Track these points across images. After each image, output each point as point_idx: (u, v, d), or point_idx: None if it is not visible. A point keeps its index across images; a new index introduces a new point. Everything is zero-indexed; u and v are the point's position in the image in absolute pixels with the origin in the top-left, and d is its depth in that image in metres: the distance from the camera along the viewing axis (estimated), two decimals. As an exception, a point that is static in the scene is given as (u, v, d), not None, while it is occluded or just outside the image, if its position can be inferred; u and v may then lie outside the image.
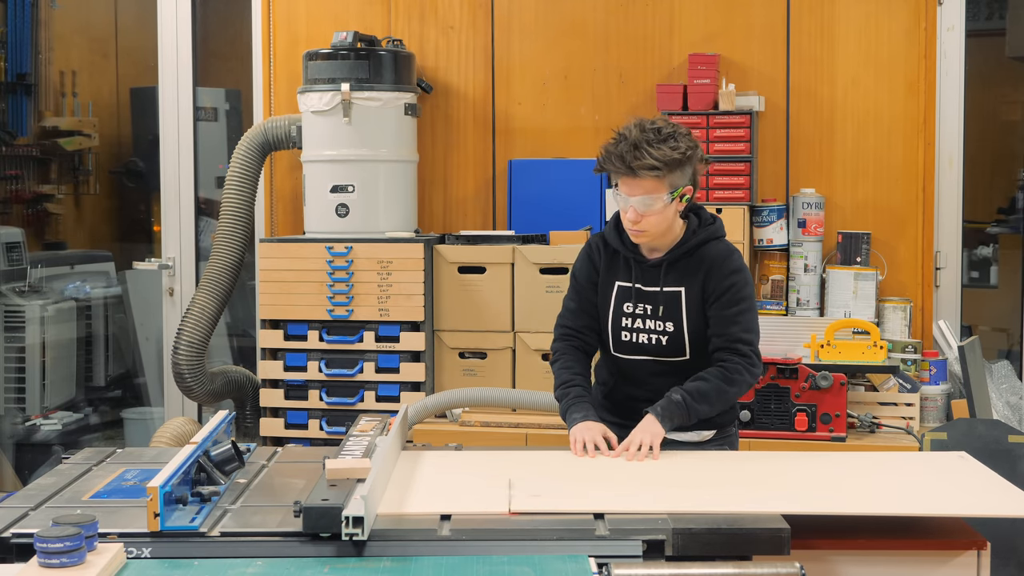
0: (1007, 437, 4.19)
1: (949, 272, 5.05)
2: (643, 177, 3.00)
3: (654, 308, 3.15)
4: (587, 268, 3.26)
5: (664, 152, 2.99)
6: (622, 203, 3.07)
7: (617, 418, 3.26)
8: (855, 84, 4.95)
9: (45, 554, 2.13)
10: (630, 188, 3.03)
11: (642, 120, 3.07)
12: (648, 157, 2.98)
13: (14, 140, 6.48)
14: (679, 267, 3.15)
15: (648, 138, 3.00)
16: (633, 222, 3.06)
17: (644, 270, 3.17)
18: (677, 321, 3.14)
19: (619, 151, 3.00)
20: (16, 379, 6.00)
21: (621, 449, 3.01)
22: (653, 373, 3.19)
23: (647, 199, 3.02)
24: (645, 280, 3.17)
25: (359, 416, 3.17)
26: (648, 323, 3.16)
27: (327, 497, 2.37)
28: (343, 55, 4.90)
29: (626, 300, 3.18)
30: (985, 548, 2.54)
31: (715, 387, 3.08)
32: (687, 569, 2.26)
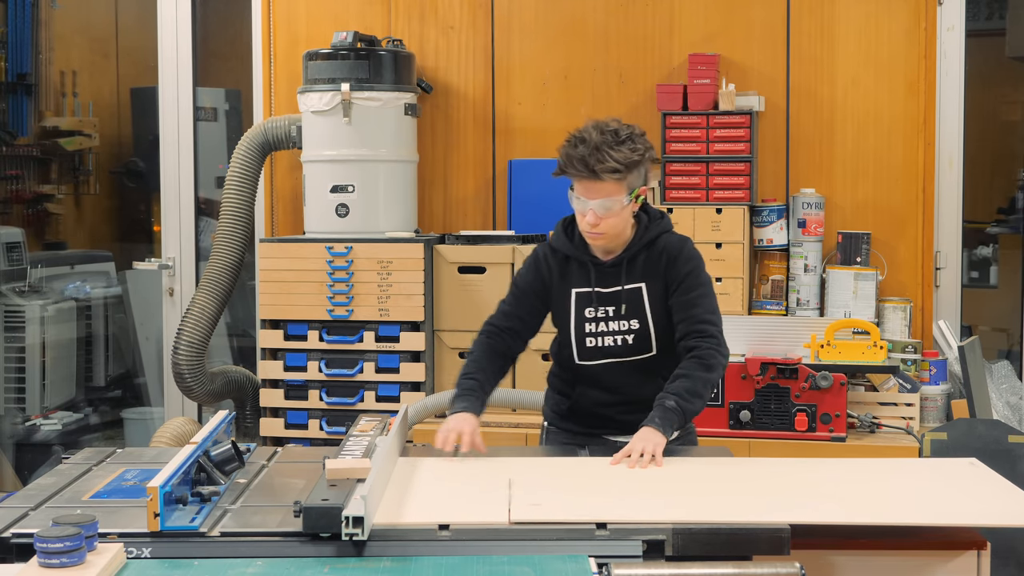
0: (1007, 437, 4.20)
1: (949, 272, 5.05)
2: (604, 180, 2.99)
3: (616, 308, 3.14)
4: (532, 278, 3.21)
5: (624, 154, 2.99)
6: (580, 206, 3.05)
7: (585, 428, 3.25)
8: (855, 84, 4.95)
9: (45, 554, 2.13)
10: (590, 191, 3.02)
11: (599, 122, 3.05)
12: (609, 160, 2.97)
13: (14, 140, 6.49)
14: (637, 263, 3.14)
15: (607, 140, 2.99)
16: (592, 225, 3.04)
17: (602, 272, 3.15)
18: (642, 317, 3.14)
19: (580, 154, 2.98)
20: (16, 379, 6.00)
21: (621, 456, 2.92)
22: (621, 374, 3.17)
23: (607, 201, 3.01)
24: (603, 282, 3.15)
25: (359, 416, 3.17)
26: (612, 324, 3.15)
27: (327, 497, 2.37)
28: (343, 55, 4.90)
29: (586, 305, 3.15)
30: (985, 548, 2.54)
31: (699, 379, 3.04)
32: (687, 569, 2.26)
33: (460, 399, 3.12)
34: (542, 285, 3.20)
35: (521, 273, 3.26)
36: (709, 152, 4.80)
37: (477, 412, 3.09)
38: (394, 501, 2.58)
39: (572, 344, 3.18)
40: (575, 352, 3.18)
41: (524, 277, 3.24)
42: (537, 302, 3.22)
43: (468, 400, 3.10)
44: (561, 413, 3.32)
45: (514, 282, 3.28)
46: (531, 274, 3.22)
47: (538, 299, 3.22)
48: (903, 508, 2.61)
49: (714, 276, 4.69)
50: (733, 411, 4.35)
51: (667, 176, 4.83)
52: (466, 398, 3.11)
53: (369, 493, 2.37)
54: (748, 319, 4.68)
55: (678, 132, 4.83)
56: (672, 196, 4.82)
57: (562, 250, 3.18)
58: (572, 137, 3.04)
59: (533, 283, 3.21)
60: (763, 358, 4.33)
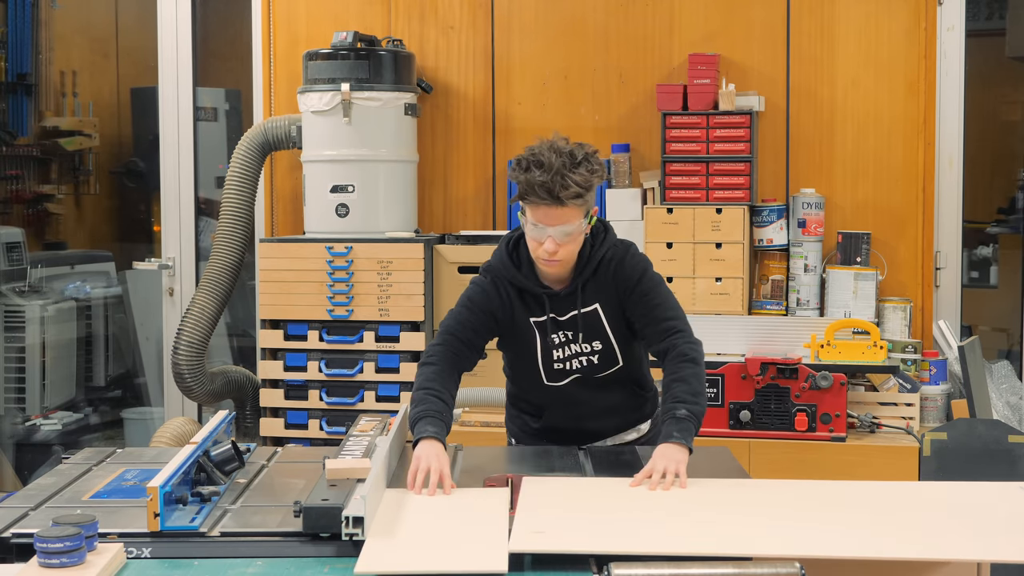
0: (1007, 437, 4.20)
1: (949, 272, 5.05)
2: (567, 205, 2.83)
3: (575, 333, 3.04)
4: (492, 300, 3.03)
5: (584, 176, 2.84)
6: (538, 234, 2.87)
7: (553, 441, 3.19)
8: (855, 84, 4.95)
9: (45, 554, 2.13)
10: (550, 218, 2.84)
11: (552, 142, 2.87)
12: (572, 185, 2.81)
13: (14, 140, 6.48)
14: (588, 286, 3.02)
15: (565, 163, 2.82)
16: (551, 253, 2.88)
17: (555, 300, 3.03)
18: (603, 338, 3.04)
19: (540, 180, 2.81)
20: (16, 379, 6.00)
21: (642, 476, 2.73)
22: (593, 387, 3.11)
23: (568, 227, 2.86)
24: (557, 309, 3.03)
25: (359, 416, 3.17)
26: (574, 347, 3.06)
27: (327, 497, 2.37)
28: (343, 55, 4.90)
29: (549, 332, 3.04)
30: (985, 548, 2.52)
31: (694, 376, 2.95)
32: (687, 569, 2.26)
33: (428, 421, 2.84)
34: (500, 309, 3.04)
35: (477, 293, 3.06)
36: (709, 152, 4.80)
37: (444, 439, 2.84)
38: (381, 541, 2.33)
39: (539, 369, 3.09)
40: (543, 376, 3.10)
41: (481, 296, 3.05)
42: (492, 323, 3.05)
43: (437, 424, 2.84)
44: (530, 432, 3.25)
45: (469, 299, 3.06)
46: (491, 295, 3.04)
47: (493, 320, 3.05)
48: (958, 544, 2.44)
49: (714, 276, 4.73)
50: (733, 411, 4.35)
51: (667, 176, 4.83)
52: (434, 421, 2.85)
53: (369, 493, 2.37)
54: (748, 319, 4.68)
55: (678, 132, 4.83)
56: (672, 196, 4.82)
57: (511, 280, 3.03)
58: (524, 160, 2.87)
59: (491, 305, 3.04)
60: (763, 358, 4.33)
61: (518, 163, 2.88)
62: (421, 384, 2.96)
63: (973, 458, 4.18)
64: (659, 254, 4.76)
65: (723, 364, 4.36)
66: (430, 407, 2.89)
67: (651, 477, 2.72)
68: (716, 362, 4.38)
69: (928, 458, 4.20)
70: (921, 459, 4.21)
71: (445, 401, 2.93)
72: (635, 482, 2.72)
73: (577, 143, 2.92)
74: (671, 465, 2.73)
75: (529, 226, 2.90)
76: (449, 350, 3.02)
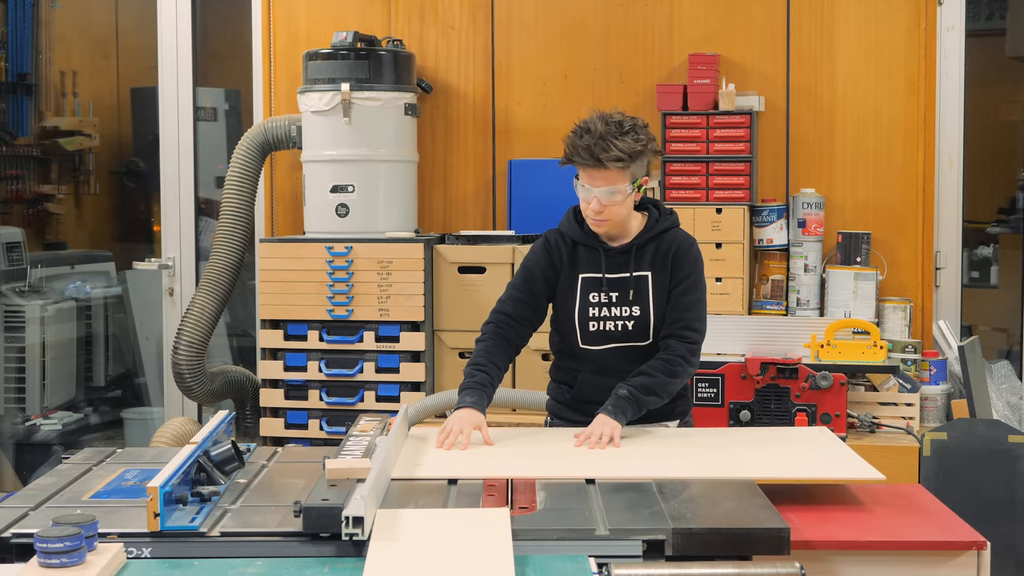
0: (1007, 437, 4.20)
1: (949, 272, 5.05)
2: (609, 168, 3.10)
3: (622, 294, 3.24)
4: (544, 263, 3.31)
5: (628, 144, 3.10)
6: (585, 194, 3.16)
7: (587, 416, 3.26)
8: (855, 84, 4.95)
9: (45, 554, 2.13)
10: (594, 179, 3.13)
11: (603, 113, 3.16)
12: (614, 149, 3.08)
13: (14, 140, 6.48)
14: (646, 253, 3.26)
15: (611, 131, 3.10)
16: (596, 212, 3.15)
17: (611, 257, 3.26)
18: (644, 305, 3.25)
19: (585, 143, 3.10)
20: (16, 379, 6.00)
21: (582, 439, 3.07)
22: (623, 359, 3.27)
23: (611, 189, 3.12)
24: (612, 268, 3.25)
25: (359, 416, 3.16)
26: (614, 310, 3.25)
27: (327, 497, 2.37)
28: (343, 55, 4.90)
29: (592, 290, 3.26)
30: (985, 548, 2.53)
31: (659, 381, 3.19)
32: (687, 569, 2.26)
33: (469, 392, 3.18)
34: (552, 269, 3.29)
35: (531, 257, 3.34)
36: (709, 152, 4.80)
37: (483, 407, 3.16)
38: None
39: (575, 328, 3.27)
40: (578, 336, 3.27)
41: (535, 260, 3.32)
42: (546, 286, 3.30)
43: (476, 394, 3.17)
44: (564, 402, 3.39)
45: (524, 266, 3.35)
46: (542, 257, 3.31)
47: (547, 283, 3.30)
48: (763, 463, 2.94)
49: (714, 276, 4.73)
50: (733, 411, 4.35)
51: (667, 176, 4.83)
52: (474, 392, 3.17)
53: (369, 493, 2.37)
54: (748, 319, 4.68)
55: (678, 132, 4.83)
56: (672, 196, 4.82)
57: (572, 236, 3.28)
58: (577, 127, 3.15)
59: (543, 266, 3.30)
60: (763, 358, 4.33)
61: (573, 130, 3.17)
62: (470, 362, 3.27)
63: (973, 458, 4.18)
64: (659, 254, 4.75)
65: (723, 364, 4.36)
66: (472, 380, 3.20)
67: (590, 439, 3.08)
68: (716, 362, 4.38)
69: (928, 458, 4.20)
70: (921, 459, 4.21)
71: (489, 373, 3.22)
72: (578, 442, 3.08)
73: (630, 116, 3.18)
74: (606, 430, 3.09)
75: (579, 186, 3.18)
76: (497, 327, 3.30)
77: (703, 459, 2.96)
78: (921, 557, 2.54)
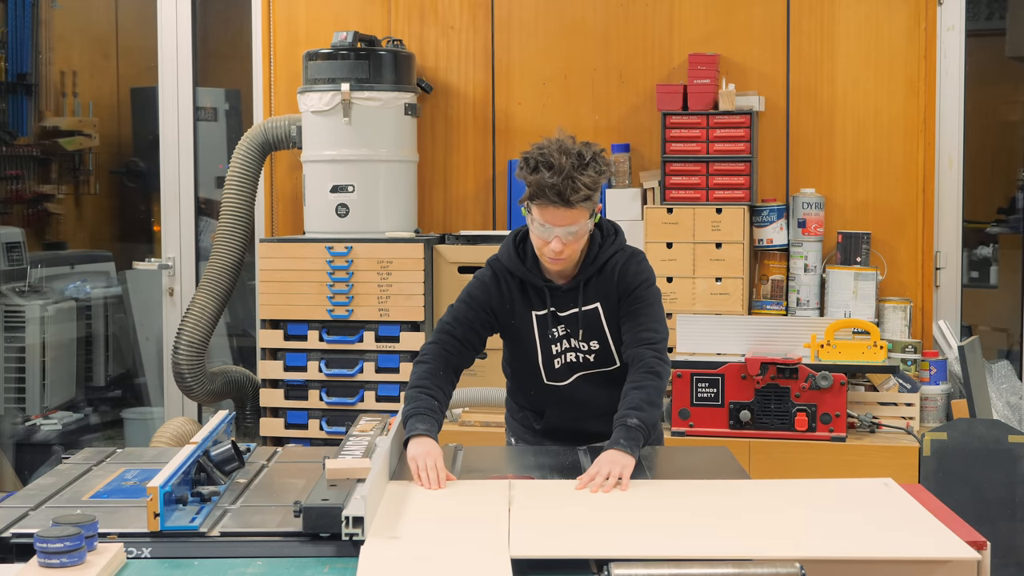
0: (1007, 437, 4.20)
1: (949, 272, 5.05)
2: (576, 208, 2.87)
3: (574, 330, 3.07)
4: (492, 295, 3.07)
5: (592, 178, 2.87)
6: (545, 233, 2.91)
7: (559, 442, 3.19)
8: (855, 84, 4.95)
9: (45, 554, 2.13)
10: (557, 219, 2.88)
11: (560, 143, 2.88)
12: (582, 188, 2.85)
13: (14, 140, 6.48)
14: (591, 284, 3.06)
15: (574, 164, 2.84)
16: (557, 252, 2.92)
17: (557, 295, 3.07)
18: (601, 338, 3.08)
19: (551, 183, 2.83)
20: (16, 379, 6.00)
21: (587, 479, 2.73)
22: (593, 387, 3.13)
23: (574, 227, 2.90)
24: (559, 304, 3.07)
25: (359, 416, 3.16)
26: (574, 342, 3.09)
27: (327, 497, 2.37)
28: (343, 55, 4.90)
29: (551, 326, 3.08)
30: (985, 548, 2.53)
31: (651, 388, 2.95)
32: (687, 569, 2.26)
33: (420, 419, 2.89)
34: (500, 304, 3.09)
35: (478, 287, 3.10)
36: (709, 152, 4.80)
37: (436, 436, 2.89)
38: (380, 543, 2.33)
39: (539, 366, 3.12)
40: (543, 374, 3.13)
41: (481, 291, 3.09)
42: (491, 319, 3.09)
43: (427, 421, 2.89)
44: (532, 431, 3.26)
45: (469, 294, 3.10)
46: (492, 290, 3.08)
47: (492, 316, 3.09)
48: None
49: (714, 276, 4.73)
50: (733, 411, 4.34)
51: (667, 176, 4.83)
52: (426, 418, 2.90)
53: (369, 493, 2.37)
54: (748, 319, 4.68)
55: (678, 132, 4.83)
56: (672, 196, 4.82)
57: (516, 273, 3.07)
58: (533, 160, 2.88)
59: (491, 300, 3.08)
60: (763, 358, 4.33)
61: (526, 162, 2.90)
62: (413, 383, 3.01)
63: (973, 458, 4.18)
64: (659, 254, 4.76)
65: (723, 364, 4.36)
66: (420, 404, 2.93)
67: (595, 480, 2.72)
68: (716, 362, 4.38)
69: (928, 458, 4.20)
70: (921, 459, 4.21)
71: (436, 398, 2.96)
72: (580, 485, 2.72)
73: (583, 142, 2.92)
74: (615, 469, 2.74)
75: (536, 225, 2.93)
76: (443, 348, 3.06)
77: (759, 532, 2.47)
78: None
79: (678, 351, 4.52)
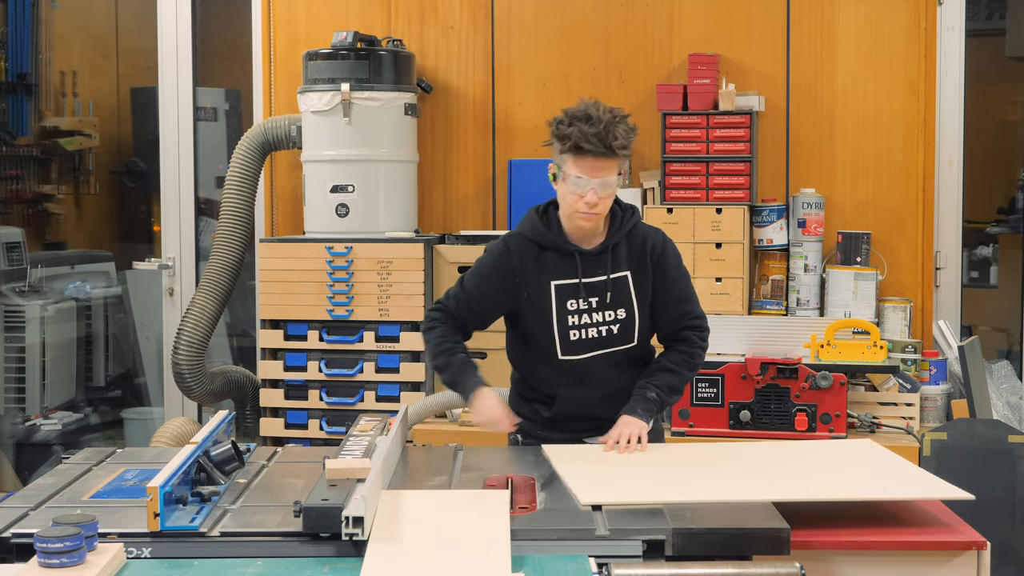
0: (1007, 437, 4.20)
1: (949, 272, 5.05)
2: (614, 157, 2.99)
3: (601, 298, 3.11)
4: (499, 270, 3.13)
5: (625, 133, 3.01)
6: (580, 187, 2.99)
7: (566, 433, 3.19)
8: (855, 84, 4.95)
9: (45, 554, 2.13)
10: (595, 170, 2.98)
11: (594, 102, 3.04)
12: (620, 137, 2.98)
13: (14, 140, 6.49)
14: (621, 252, 3.13)
15: (612, 118, 2.99)
16: (592, 205, 3.00)
17: (587, 261, 3.11)
18: (628, 306, 3.13)
19: (595, 132, 2.96)
20: (16, 379, 6.00)
21: (611, 444, 3.01)
22: (607, 366, 3.16)
23: (610, 179, 3.00)
24: (588, 271, 3.11)
25: (359, 416, 3.16)
26: (596, 315, 3.12)
27: (327, 497, 2.37)
28: (343, 55, 4.90)
29: (569, 297, 3.11)
30: (985, 548, 2.53)
31: (683, 377, 3.14)
32: (687, 569, 2.26)
33: (468, 373, 3.11)
34: (509, 279, 3.12)
35: (485, 262, 3.15)
36: (709, 152, 4.80)
37: (486, 382, 3.12)
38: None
39: (555, 340, 3.13)
40: (558, 348, 3.13)
41: (489, 267, 3.14)
42: (500, 296, 3.13)
43: (475, 373, 3.11)
44: (540, 422, 3.25)
45: (477, 271, 3.16)
46: (498, 265, 3.13)
47: (502, 293, 3.13)
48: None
49: (714, 276, 4.73)
50: (733, 411, 4.34)
51: (667, 176, 4.83)
52: (471, 372, 3.11)
53: (369, 493, 2.37)
54: (748, 319, 4.68)
55: (678, 132, 4.83)
56: (672, 196, 4.82)
57: (540, 240, 3.11)
58: (574, 114, 3.01)
59: (499, 275, 3.13)
60: (763, 358, 4.33)
61: (563, 119, 3.02)
62: (437, 347, 3.13)
63: (973, 458, 4.18)
64: (659, 254, 4.76)
65: (723, 364, 4.36)
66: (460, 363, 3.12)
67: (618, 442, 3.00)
68: (716, 362, 4.38)
69: (928, 458, 4.20)
70: (921, 459, 4.21)
71: (465, 352, 3.15)
72: (608, 447, 3.00)
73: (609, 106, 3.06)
74: (634, 430, 3.01)
75: (571, 181, 3.01)
76: (445, 315, 3.18)
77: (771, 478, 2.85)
78: (921, 557, 2.54)
79: (678, 351, 4.52)
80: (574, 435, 3.20)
